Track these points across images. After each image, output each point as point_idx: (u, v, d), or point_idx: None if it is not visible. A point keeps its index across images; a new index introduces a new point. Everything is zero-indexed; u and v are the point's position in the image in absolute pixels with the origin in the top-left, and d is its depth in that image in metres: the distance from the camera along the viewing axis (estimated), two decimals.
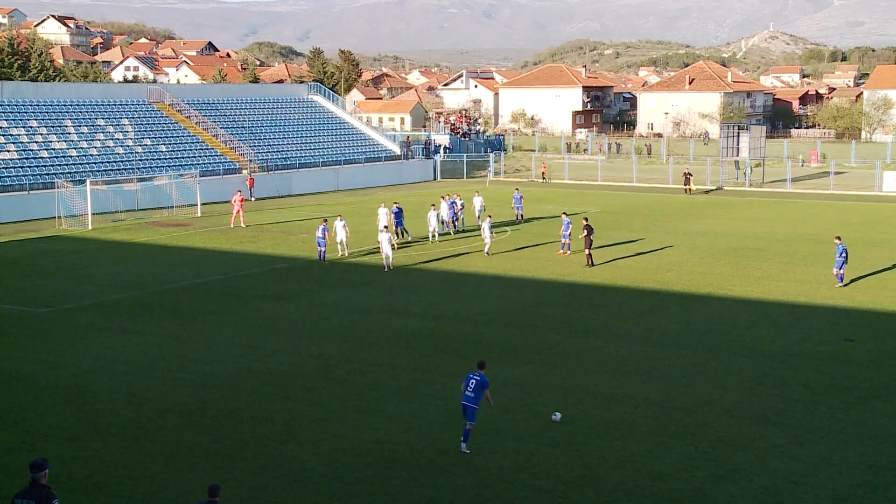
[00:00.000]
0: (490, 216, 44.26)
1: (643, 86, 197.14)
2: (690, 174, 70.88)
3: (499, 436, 19.67)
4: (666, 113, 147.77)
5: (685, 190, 69.35)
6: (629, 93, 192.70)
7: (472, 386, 18.64)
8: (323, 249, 39.89)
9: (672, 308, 31.47)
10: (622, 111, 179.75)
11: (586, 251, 38.74)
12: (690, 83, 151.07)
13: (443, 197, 50.01)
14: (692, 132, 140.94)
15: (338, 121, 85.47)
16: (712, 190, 72.06)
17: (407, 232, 46.05)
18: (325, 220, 41.02)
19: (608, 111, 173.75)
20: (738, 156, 75.68)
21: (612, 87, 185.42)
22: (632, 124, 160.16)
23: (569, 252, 41.32)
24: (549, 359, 24.88)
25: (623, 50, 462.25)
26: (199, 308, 31.63)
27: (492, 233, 42.19)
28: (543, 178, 79.49)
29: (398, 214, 45.48)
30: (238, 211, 50.92)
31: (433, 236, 45.34)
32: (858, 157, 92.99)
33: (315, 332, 28.47)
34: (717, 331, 28.34)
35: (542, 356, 25.41)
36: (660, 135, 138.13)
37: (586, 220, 39.95)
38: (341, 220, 42.07)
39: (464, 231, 48.79)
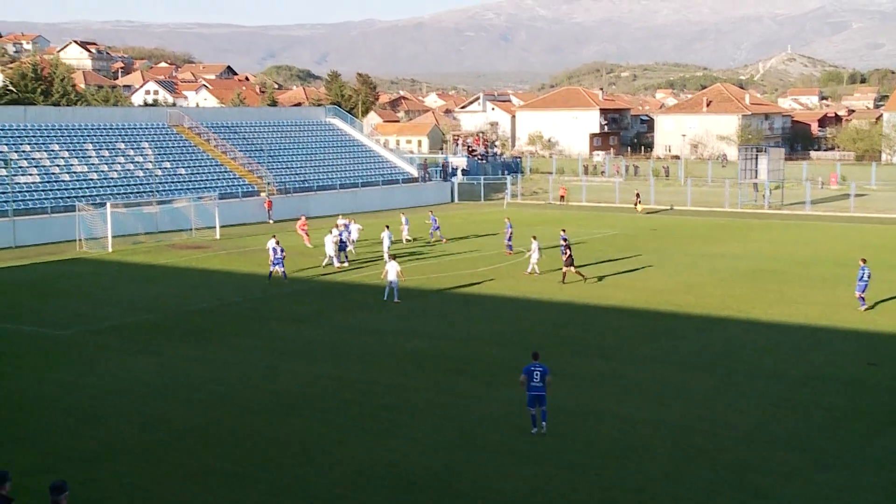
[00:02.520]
0: (535, 237, 43.81)
1: (660, 108, 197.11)
2: (639, 195, 73.74)
3: (515, 458, 19.54)
4: (683, 135, 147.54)
5: (634, 206, 72.14)
6: (646, 115, 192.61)
7: (538, 377, 20.69)
8: (280, 269, 40.12)
9: (690, 331, 31.27)
10: (639, 133, 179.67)
11: (571, 270, 39.50)
12: (708, 105, 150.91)
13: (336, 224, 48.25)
14: (710, 154, 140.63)
15: (355, 143, 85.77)
16: (662, 210, 73.54)
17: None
18: (275, 236, 41.83)
19: (625, 133, 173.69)
20: (756, 178, 75.42)
21: (629, 109, 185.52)
22: (649, 146, 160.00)
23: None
24: (567, 381, 24.75)
25: (640, 72, 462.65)
26: (217, 330, 31.69)
27: (539, 254, 41.85)
28: (562, 200, 79.43)
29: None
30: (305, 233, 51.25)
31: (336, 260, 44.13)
32: (879, 180, 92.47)
33: (331, 353, 28.45)
34: (737, 354, 28.12)
35: (558, 378, 25.25)
36: (677, 157, 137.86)
37: (565, 237, 40.73)
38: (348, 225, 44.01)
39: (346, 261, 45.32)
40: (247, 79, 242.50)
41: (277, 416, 22.38)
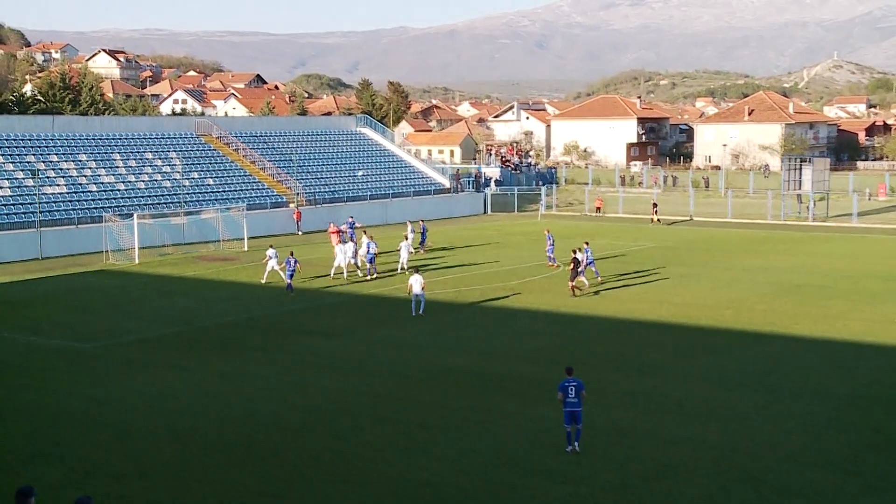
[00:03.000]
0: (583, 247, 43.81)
1: (700, 117, 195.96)
2: (656, 204, 74.02)
3: (551, 478, 19.48)
4: (724, 145, 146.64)
5: (651, 220, 72.08)
6: (686, 124, 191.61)
7: (573, 392, 20.79)
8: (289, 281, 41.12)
9: (731, 347, 31.06)
10: (678, 143, 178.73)
11: (571, 283, 39.83)
12: (750, 114, 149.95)
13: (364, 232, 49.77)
14: (752, 165, 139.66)
15: (386, 153, 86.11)
16: (681, 221, 73.68)
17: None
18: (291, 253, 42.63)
19: (664, 143, 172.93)
20: (800, 189, 74.81)
21: (667, 118, 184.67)
22: (688, 157, 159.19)
23: (598, 278, 42.78)
24: (603, 398, 24.65)
25: (679, 80, 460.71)
26: (246, 344, 31.89)
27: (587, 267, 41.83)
28: (598, 211, 79.21)
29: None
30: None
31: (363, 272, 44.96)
32: None
33: (363, 368, 28.53)
34: (780, 371, 27.88)
35: (594, 395, 25.15)
36: (717, 167, 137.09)
37: (575, 252, 41.09)
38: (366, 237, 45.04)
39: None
40: (276, 87, 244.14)
41: (308, 433, 22.47)
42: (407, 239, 48.98)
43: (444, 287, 42.52)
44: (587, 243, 44.24)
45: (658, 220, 72.50)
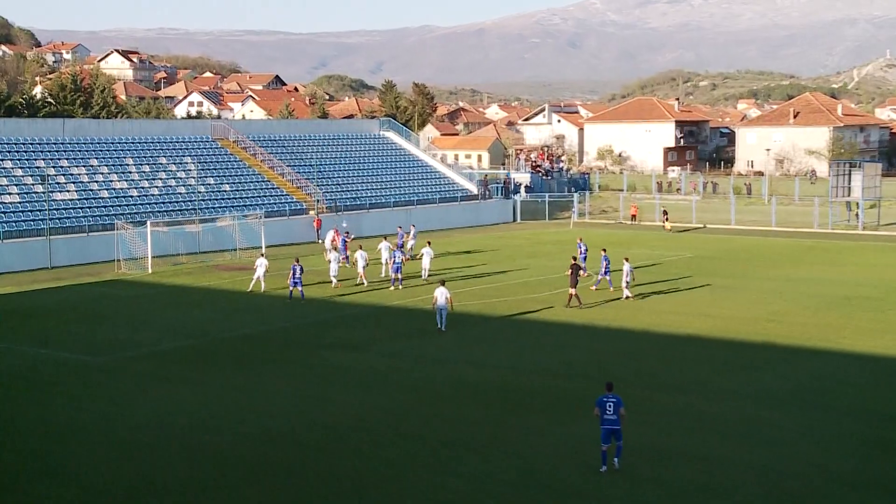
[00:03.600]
0: (627, 258, 43.79)
1: (742, 120, 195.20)
2: (667, 212, 74.47)
3: (582, 500, 19.43)
4: (768, 149, 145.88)
5: (663, 226, 72.63)
6: (727, 127, 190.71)
7: (612, 408, 20.90)
8: (299, 289, 41.97)
9: (776, 362, 30.87)
10: (719, 147, 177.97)
11: (571, 291, 40.14)
12: (795, 117, 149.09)
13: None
14: (797, 170, 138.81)
15: (411, 158, 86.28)
16: (696, 228, 74.22)
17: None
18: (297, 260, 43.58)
19: (703, 147, 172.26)
20: (849, 196, 74.25)
21: (707, 121, 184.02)
22: (729, 162, 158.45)
23: (610, 288, 43.61)
24: (639, 416, 24.56)
25: (720, 81, 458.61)
26: (263, 357, 32.04)
27: (632, 277, 41.78)
28: (633, 219, 79.01)
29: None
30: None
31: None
32: None
33: (385, 383, 28.59)
34: (828, 389, 27.68)
35: (631, 413, 25.04)
36: (761, 173, 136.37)
37: (574, 258, 42.09)
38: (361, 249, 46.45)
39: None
40: (296, 89, 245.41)
41: (328, 450, 22.52)
42: (429, 245, 49.11)
43: (471, 298, 42.54)
44: (604, 251, 44.93)
45: (670, 227, 72.73)
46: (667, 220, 73.80)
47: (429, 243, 50.01)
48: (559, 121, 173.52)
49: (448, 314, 35.66)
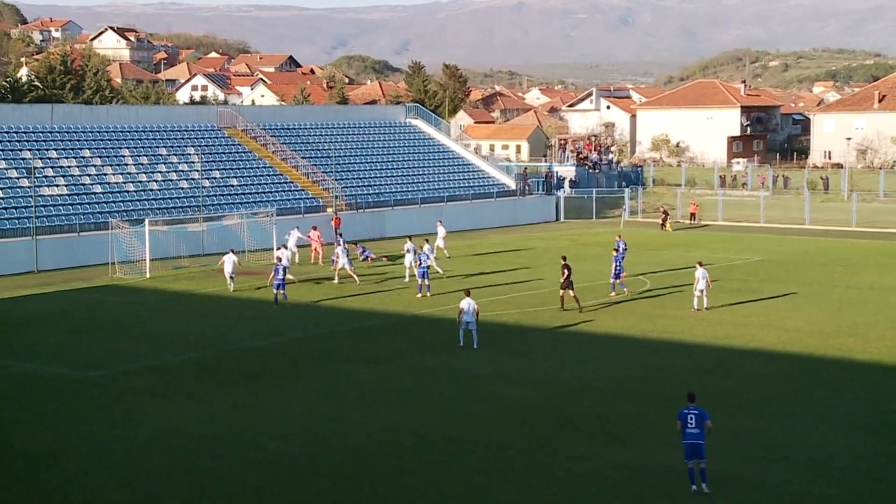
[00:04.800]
0: (700, 262, 43.73)
1: (818, 105, 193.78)
2: (667, 213, 75.50)
3: None
4: (848, 138, 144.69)
5: (661, 226, 74.03)
6: (800, 114, 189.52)
7: (694, 421, 21.29)
8: (282, 291, 43.07)
9: (857, 382, 30.67)
10: (791, 136, 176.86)
11: (569, 293, 41.02)
12: (881, 101, 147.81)
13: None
14: (882, 162, 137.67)
15: (441, 149, 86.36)
16: (703, 225, 75.86)
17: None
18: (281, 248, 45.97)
19: (773, 137, 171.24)
20: None
21: (778, 106, 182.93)
22: (803, 153, 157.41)
23: (624, 290, 44.78)
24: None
25: (793, 61, 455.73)
26: (274, 372, 32.20)
27: (707, 285, 41.63)
28: (693, 218, 78.59)
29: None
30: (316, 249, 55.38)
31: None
32: None
33: (410, 402, 28.66)
34: None
35: None
36: (840, 165, 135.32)
37: (565, 258, 42.14)
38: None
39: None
40: (312, 71, 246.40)
41: (348, 478, 22.61)
42: (427, 242, 50.02)
43: (507, 307, 42.56)
44: (620, 236, 46.11)
45: (669, 226, 73.90)
46: (667, 219, 74.48)
47: (426, 240, 50.41)
48: (608, 107, 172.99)
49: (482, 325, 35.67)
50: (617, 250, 46.95)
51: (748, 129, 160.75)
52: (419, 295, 44.90)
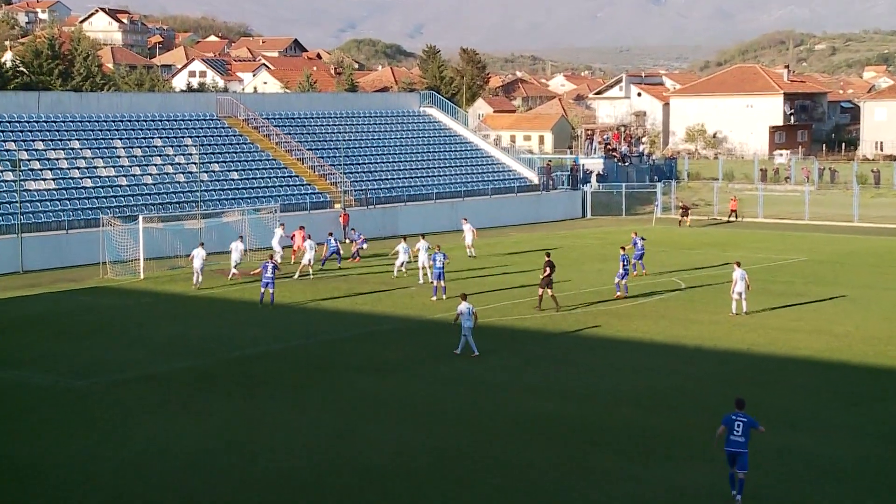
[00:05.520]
0: (739, 263, 43.67)
1: (869, 91, 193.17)
2: (687, 207, 76.18)
3: None
4: None
5: (679, 223, 75.06)
6: (849, 101, 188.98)
7: (741, 429, 21.76)
8: (270, 291, 43.63)
9: None
10: (839, 126, 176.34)
11: (548, 292, 41.96)
12: None
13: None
14: None
15: (458, 140, 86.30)
16: (729, 222, 76.26)
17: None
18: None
19: (819, 126, 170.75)
20: None
21: (825, 93, 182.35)
22: (852, 143, 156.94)
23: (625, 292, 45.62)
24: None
25: (841, 44, 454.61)
26: (278, 382, 32.13)
27: (746, 287, 41.44)
28: (733, 215, 78.03)
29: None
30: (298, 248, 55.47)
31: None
32: None
33: (426, 415, 28.55)
34: None
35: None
36: (892, 157, 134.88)
37: (548, 255, 43.43)
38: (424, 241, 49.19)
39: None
40: (318, 56, 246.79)
41: (355, 499, 22.51)
42: (423, 238, 51.28)
43: (529, 311, 42.44)
44: (636, 233, 46.63)
45: (688, 223, 74.45)
46: (686, 214, 74.87)
47: (422, 236, 50.68)
48: (639, 94, 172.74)
49: (509, 325, 35.72)
50: (624, 249, 47.02)
51: (792, 117, 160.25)
52: (434, 297, 44.84)
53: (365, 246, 58.33)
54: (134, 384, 32.08)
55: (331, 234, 56.89)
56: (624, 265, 45.82)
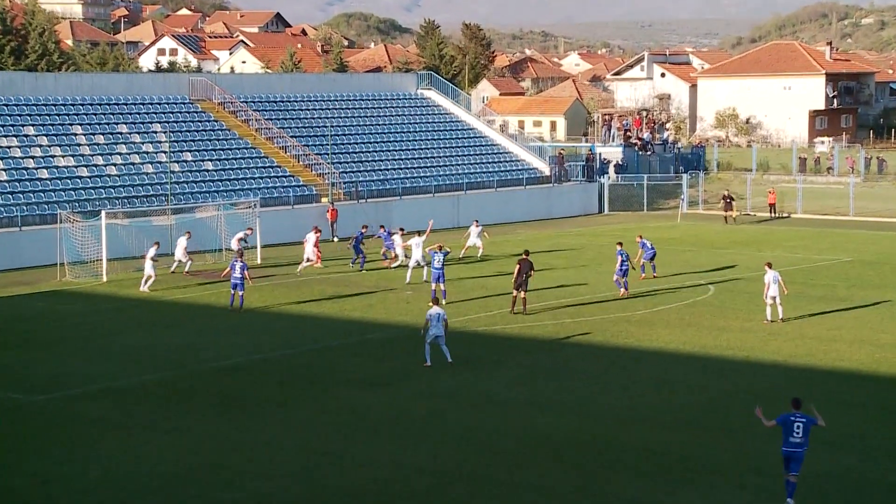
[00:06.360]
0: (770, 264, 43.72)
1: None
2: (732, 198, 75.35)
3: None
4: None
5: (725, 218, 74.64)
6: None
7: (801, 430, 22.79)
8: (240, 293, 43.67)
9: None
10: (888, 110, 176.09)
11: (519, 294, 42.56)
12: None
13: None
14: None
15: (459, 126, 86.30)
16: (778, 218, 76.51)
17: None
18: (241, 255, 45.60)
19: (865, 110, 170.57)
20: None
21: (872, 73, 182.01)
22: None
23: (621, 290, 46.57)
24: (777, 483, 24.36)
25: (891, 17, 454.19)
26: (259, 396, 32.14)
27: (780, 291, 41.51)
28: (772, 210, 77.68)
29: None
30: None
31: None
32: None
33: (424, 434, 28.60)
34: None
35: (764, 478, 24.92)
36: None
37: (527, 252, 43.83)
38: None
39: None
40: (303, 32, 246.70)
41: None
42: (418, 234, 51.45)
43: (539, 317, 42.52)
44: (641, 235, 47.54)
45: (734, 217, 74.43)
46: (730, 207, 74.82)
47: (418, 233, 50.86)
48: (663, 75, 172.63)
49: (518, 335, 35.80)
50: (622, 245, 47.18)
51: (835, 101, 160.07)
52: (430, 303, 44.69)
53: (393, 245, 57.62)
54: (97, 399, 32.07)
55: (382, 228, 57.84)
56: (623, 261, 46.52)
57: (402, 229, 56.60)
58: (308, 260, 53.69)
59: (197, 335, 40.61)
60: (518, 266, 42.84)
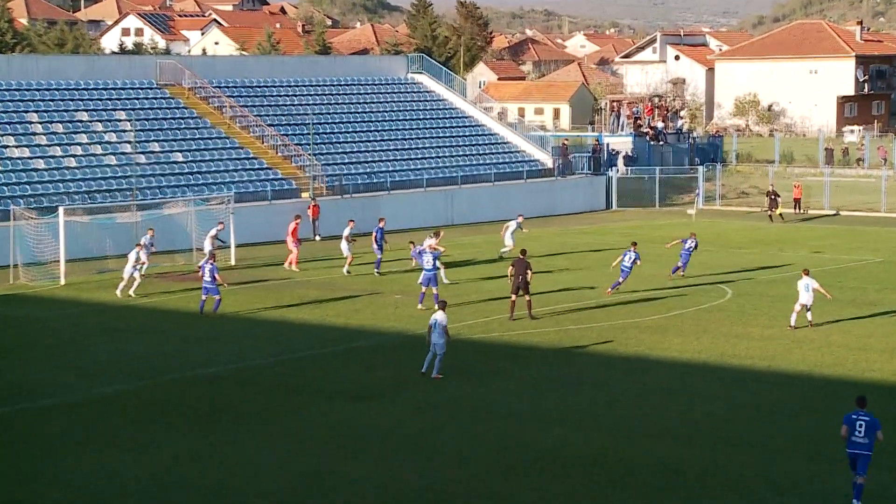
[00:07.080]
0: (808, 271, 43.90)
1: None
2: (777, 195, 75.03)
3: None
4: None
5: (770, 217, 74.79)
6: None
7: (863, 429, 23.71)
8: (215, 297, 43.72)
9: None
10: None
11: (521, 297, 42.50)
12: None
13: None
14: None
15: (454, 114, 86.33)
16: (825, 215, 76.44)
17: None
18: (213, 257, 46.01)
19: None
20: None
21: None
22: None
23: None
24: (801, 502, 24.58)
25: None
26: (238, 410, 32.19)
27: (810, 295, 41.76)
28: (797, 206, 77.63)
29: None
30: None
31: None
32: None
33: (419, 449, 28.70)
34: None
35: (788, 498, 25.11)
36: None
37: (523, 252, 43.94)
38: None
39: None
40: (282, 10, 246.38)
41: None
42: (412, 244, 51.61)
43: (543, 323, 42.66)
44: (634, 245, 47.63)
45: (780, 214, 74.32)
46: (776, 204, 74.61)
47: (412, 243, 51.07)
48: (677, 57, 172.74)
49: (522, 342, 36.02)
50: (624, 258, 47.73)
51: (865, 86, 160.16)
52: (421, 307, 44.84)
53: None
54: (58, 413, 32.08)
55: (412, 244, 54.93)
56: (633, 259, 47.29)
57: (412, 243, 53.79)
58: (290, 252, 54.33)
59: (168, 343, 40.66)
60: (512, 267, 42.86)
